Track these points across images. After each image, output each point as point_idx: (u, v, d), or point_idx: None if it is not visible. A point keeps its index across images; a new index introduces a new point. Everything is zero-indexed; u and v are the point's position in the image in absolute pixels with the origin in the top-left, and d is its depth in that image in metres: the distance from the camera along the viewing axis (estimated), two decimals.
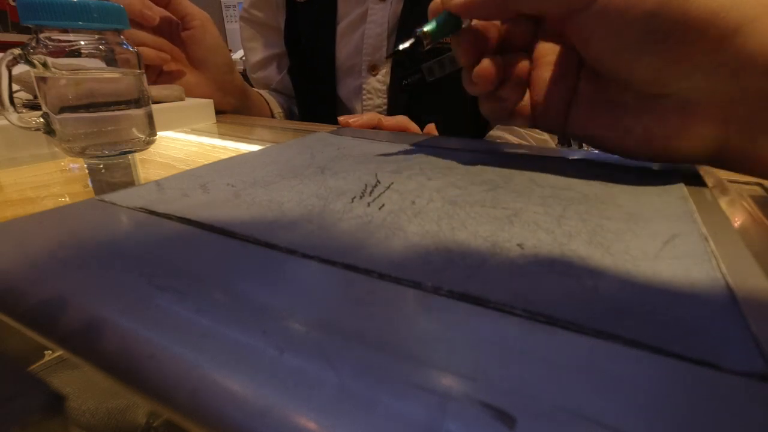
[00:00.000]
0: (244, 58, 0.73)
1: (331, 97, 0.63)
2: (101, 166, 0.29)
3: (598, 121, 0.22)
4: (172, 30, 0.51)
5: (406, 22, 0.54)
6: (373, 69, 0.59)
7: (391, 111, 0.59)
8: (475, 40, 0.23)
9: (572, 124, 0.23)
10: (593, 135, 0.22)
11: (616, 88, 0.21)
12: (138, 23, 0.46)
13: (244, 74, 0.68)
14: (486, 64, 0.23)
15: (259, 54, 0.69)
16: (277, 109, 0.67)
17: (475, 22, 0.24)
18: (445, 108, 0.57)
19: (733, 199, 0.18)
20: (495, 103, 0.25)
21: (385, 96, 0.59)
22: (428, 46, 0.23)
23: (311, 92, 0.66)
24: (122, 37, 0.29)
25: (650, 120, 0.20)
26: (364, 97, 0.60)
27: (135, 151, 0.31)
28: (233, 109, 0.57)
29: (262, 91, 0.68)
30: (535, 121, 0.24)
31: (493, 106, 0.25)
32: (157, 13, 0.47)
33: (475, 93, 0.25)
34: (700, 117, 0.19)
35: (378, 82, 0.59)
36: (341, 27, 0.58)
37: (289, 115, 0.71)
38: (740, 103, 0.18)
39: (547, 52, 0.24)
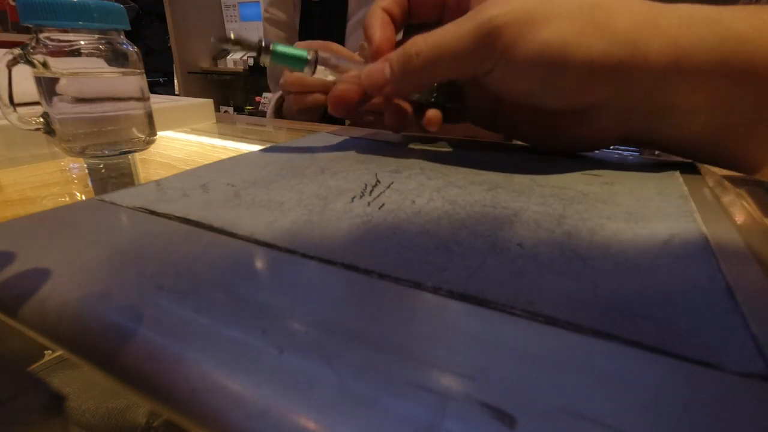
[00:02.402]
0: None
1: None
2: (101, 166, 0.29)
3: (520, 126, 0.27)
4: None
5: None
6: None
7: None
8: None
9: (502, 125, 0.28)
10: (520, 132, 0.28)
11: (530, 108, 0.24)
12: None
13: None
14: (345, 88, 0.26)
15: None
16: None
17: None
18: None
19: (733, 199, 0.18)
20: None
21: None
22: (263, 64, 0.24)
23: None
24: (122, 36, 0.29)
25: (563, 125, 0.24)
26: None
27: (135, 151, 0.31)
28: None
29: None
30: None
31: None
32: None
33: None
34: (605, 121, 0.22)
35: None
36: (350, 24, 0.61)
37: None
38: (635, 110, 0.21)
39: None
